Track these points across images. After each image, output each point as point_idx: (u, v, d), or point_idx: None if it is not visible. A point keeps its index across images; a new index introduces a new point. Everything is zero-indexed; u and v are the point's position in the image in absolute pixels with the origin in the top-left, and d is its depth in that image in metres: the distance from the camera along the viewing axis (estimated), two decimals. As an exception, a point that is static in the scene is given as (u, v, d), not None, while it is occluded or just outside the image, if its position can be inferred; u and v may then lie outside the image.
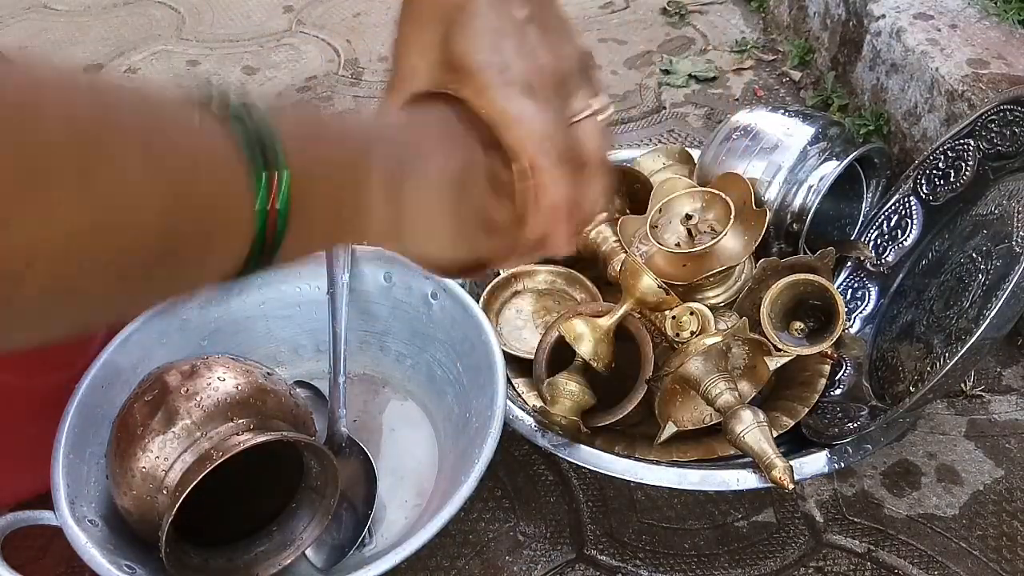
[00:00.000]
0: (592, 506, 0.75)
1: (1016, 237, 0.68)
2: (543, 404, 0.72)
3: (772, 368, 0.70)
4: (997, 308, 0.60)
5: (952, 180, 0.80)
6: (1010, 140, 0.75)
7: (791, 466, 0.62)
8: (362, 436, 0.75)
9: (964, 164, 0.79)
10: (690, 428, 0.70)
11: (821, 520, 0.73)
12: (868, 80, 1.07)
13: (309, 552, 0.67)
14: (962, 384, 0.82)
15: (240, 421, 0.62)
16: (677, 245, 0.79)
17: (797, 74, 1.26)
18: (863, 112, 1.08)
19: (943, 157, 0.81)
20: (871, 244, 0.85)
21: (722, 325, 0.75)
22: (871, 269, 0.84)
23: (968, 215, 0.77)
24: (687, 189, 0.81)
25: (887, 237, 0.84)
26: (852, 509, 0.74)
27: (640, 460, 0.69)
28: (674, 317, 0.73)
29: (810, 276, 0.73)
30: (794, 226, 0.80)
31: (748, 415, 0.64)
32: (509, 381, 0.75)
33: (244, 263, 0.30)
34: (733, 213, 0.75)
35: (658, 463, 0.69)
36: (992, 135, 0.77)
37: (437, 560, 0.71)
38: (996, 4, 1.00)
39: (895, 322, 0.79)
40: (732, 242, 0.77)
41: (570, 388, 0.71)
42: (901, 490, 0.75)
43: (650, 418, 0.72)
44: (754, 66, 1.31)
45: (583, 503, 0.75)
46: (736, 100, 1.24)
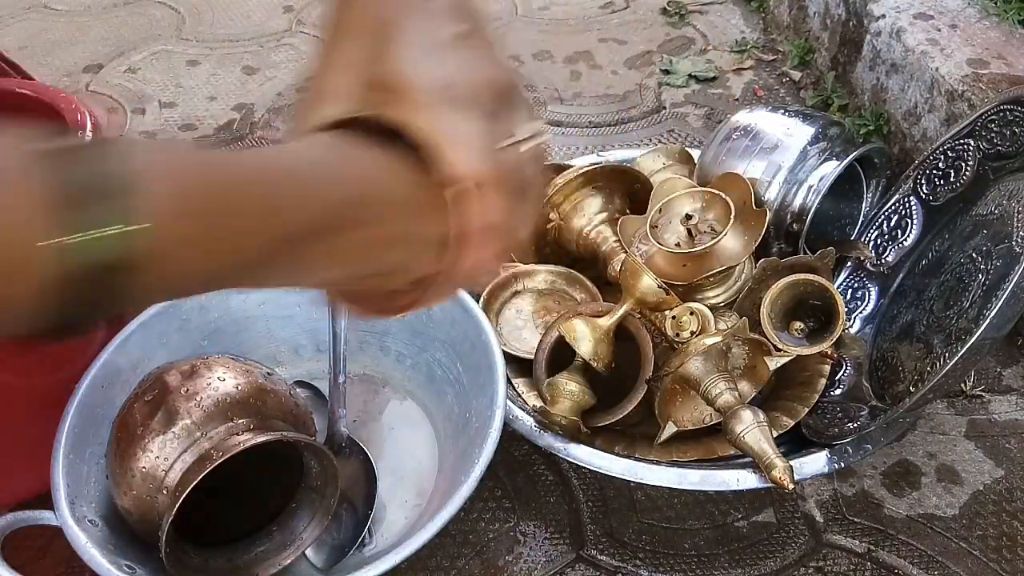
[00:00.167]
0: (592, 506, 0.75)
1: (1016, 237, 0.68)
2: (543, 404, 0.72)
3: (772, 368, 0.70)
4: (997, 308, 0.60)
5: (952, 180, 0.80)
6: (1010, 140, 0.75)
7: (791, 466, 0.63)
8: (362, 436, 0.75)
9: (964, 164, 0.79)
10: (690, 428, 0.70)
11: (821, 520, 0.73)
12: (868, 80, 1.07)
13: (309, 552, 0.67)
14: (962, 384, 0.82)
15: (240, 421, 0.62)
16: (677, 245, 0.79)
17: (797, 74, 1.26)
18: (863, 112, 1.08)
19: (943, 157, 0.81)
20: (871, 244, 0.85)
21: (722, 325, 0.75)
22: (871, 269, 0.84)
23: (968, 215, 0.77)
24: (687, 189, 0.81)
25: (887, 237, 0.84)
26: (852, 509, 0.74)
27: (640, 460, 0.69)
28: (674, 317, 0.73)
29: (810, 276, 0.73)
30: (794, 226, 0.80)
31: (748, 415, 0.64)
32: (509, 381, 0.75)
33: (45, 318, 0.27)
34: (733, 213, 0.75)
35: (658, 463, 0.69)
36: (992, 135, 0.77)
37: (437, 560, 0.71)
38: (996, 4, 1.00)
39: (895, 322, 0.79)
40: (732, 242, 0.77)
41: (570, 388, 0.71)
42: (901, 490, 0.75)
43: (650, 418, 0.72)
44: (754, 66, 1.31)
45: (583, 503, 0.75)
46: (736, 100, 1.24)
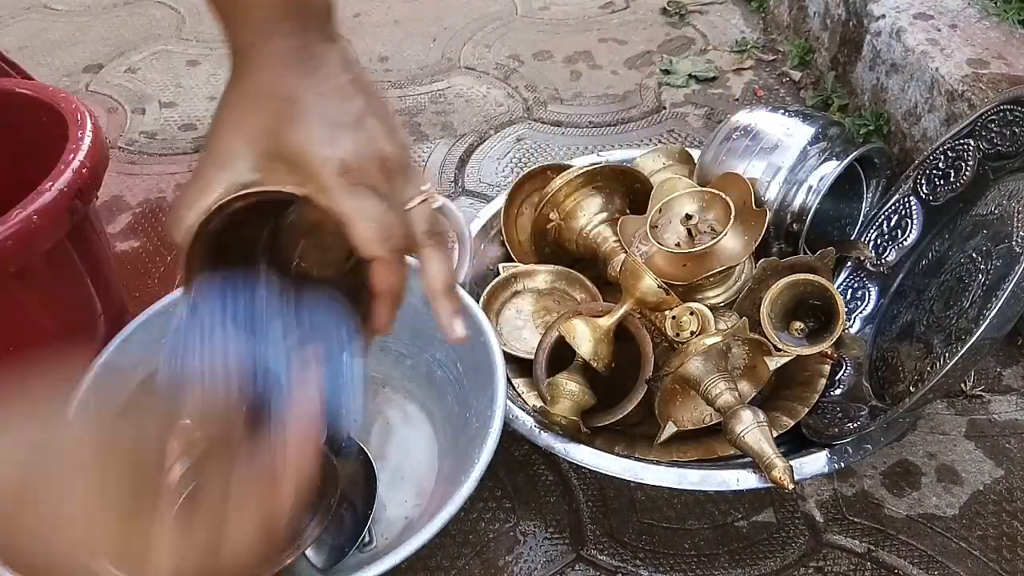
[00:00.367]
0: (592, 506, 0.75)
1: (1016, 237, 0.68)
2: (543, 404, 0.72)
3: (772, 368, 0.70)
4: (997, 308, 0.60)
5: (952, 180, 0.80)
6: (1010, 140, 0.75)
7: (791, 466, 0.63)
8: (362, 436, 0.75)
9: (964, 164, 0.79)
10: (690, 428, 0.70)
11: (821, 520, 0.73)
12: (868, 80, 1.07)
13: (309, 552, 0.67)
14: (962, 384, 0.82)
15: (240, 421, 0.62)
16: (677, 245, 0.79)
17: (797, 74, 1.26)
18: (863, 112, 1.08)
19: (943, 157, 0.81)
20: (871, 244, 0.85)
21: (722, 325, 0.75)
22: (871, 269, 0.84)
23: (968, 215, 0.77)
24: (687, 189, 0.81)
25: (887, 237, 0.84)
26: (852, 509, 0.74)
27: (640, 460, 0.69)
28: (674, 317, 0.73)
29: (810, 276, 0.73)
30: (794, 226, 0.80)
31: (748, 415, 0.64)
32: (509, 381, 0.75)
33: None
34: (733, 213, 0.75)
35: (658, 463, 0.69)
36: (992, 135, 0.77)
37: (437, 560, 0.71)
38: (996, 4, 1.00)
39: (895, 322, 0.79)
40: (732, 242, 0.77)
41: (570, 388, 0.71)
42: (901, 490, 0.75)
43: (650, 418, 0.72)
44: (754, 66, 1.31)
45: (583, 503, 0.75)
46: (736, 100, 1.24)
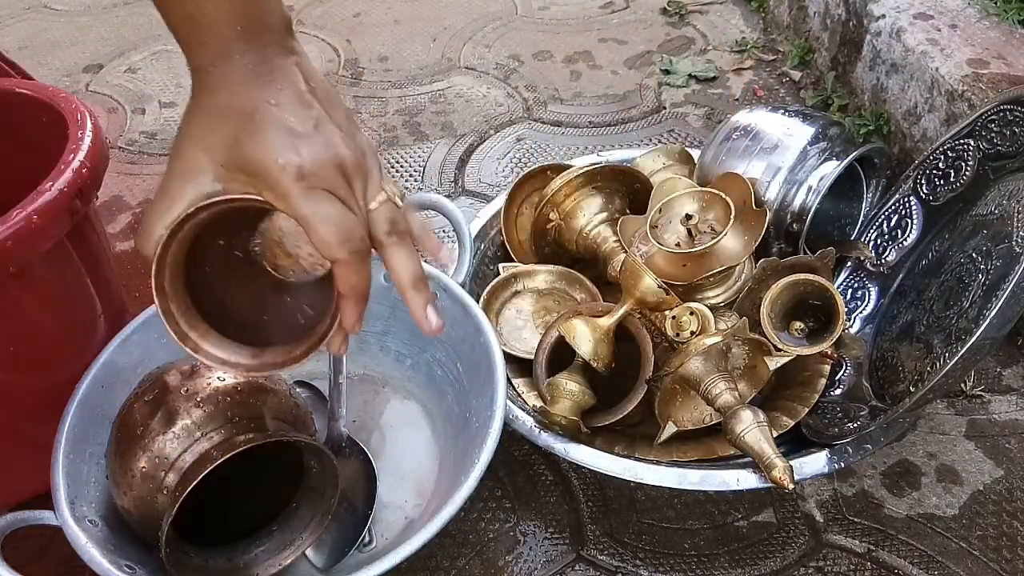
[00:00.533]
0: (592, 506, 0.75)
1: (1016, 237, 0.68)
2: (543, 404, 0.72)
3: (772, 368, 0.70)
4: (997, 308, 0.60)
5: (952, 180, 0.80)
6: (1010, 140, 0.75)
7: (791, 466, 0.63)
8: (362, 436, 0.75)
9: (964, 164, 0.79)
10: (690, 428, 0.70)
11: (821, 520, 0.73)
12: (868, 80, 1.07)
13: (309, 552, 0.67)
14: (962, 384, 0.82)
15: (240, 421, 0.62)
16: (677, 245, 0.79)
17: (797, 74, 1.26)
18: (863, 112, 1.08)
19: (943, 157, 0.81)
20: (871, 244, 0.85)
21: (722, 325, 0.75)
22: (871, 269, 0.84)
23: (968, 215, 0.77)
24: (687, 189, 0.81)
25: (887, 237, 0.84)
26: (852, 509, 0.74)
27: (640, 460, 0.69)
28: (674, 317, 0.73)
29: (810, 276, 0.73)
30: (794, 226, 0.80)
31: (748, 415, 0.64)
32: (509, 381, 0.75)
33: None
34: (733, 213, 0.75)
35: (658, 463, 0.69)
36: (992, 135, 0.77)
37: (437, 560, 0.71)
38: (996, 4, 1.00)
39: (895, 322, 0.79)
40: (732, 242, 0.77)
41: (570, 388, 0.71)
42: (901, 490, 0.75)
43: (650, 418, 0.72)
44: (754, 66, 1.31)
45: (583, 503, 0.75)
46: (736, 100, 1.24)
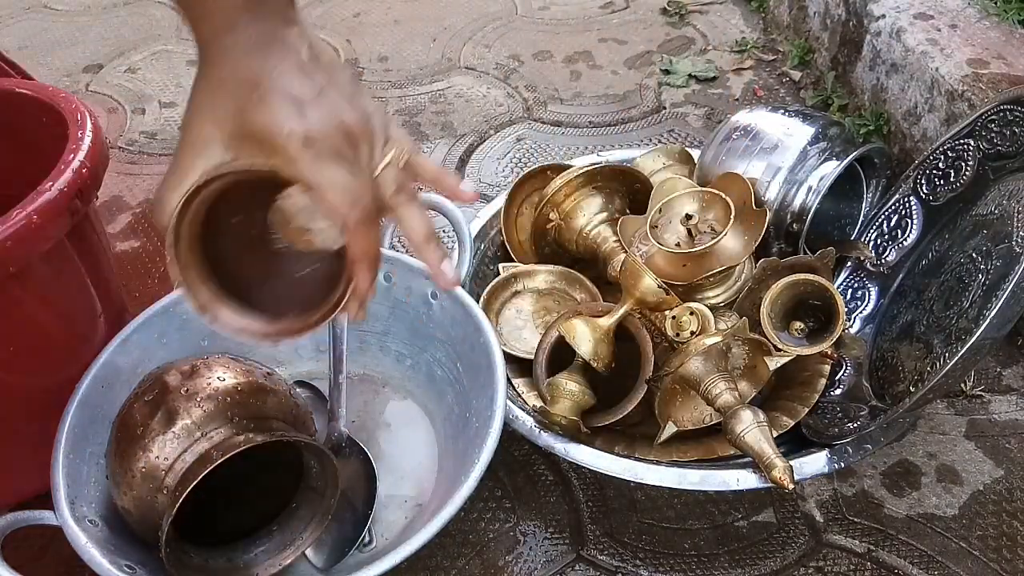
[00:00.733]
0: (592, 506, 0.75)
1: (1016, 237, 0.68)
2: (543, 404, 0.72)
3: (772, 368, 0.70)
4: (997, 308, 0.60)
5: (952, 180, 0.80)
6: (1010, 140, 0.75)
7: (791, 466, 0.63)
8: (362, 436, 0.75)
9: (964, 164, 0.79)
10: (690, 428, 0.70)
11: (821, 520, 0.73)
12: (868, 80, 1.07)
13: (309, 552, 0.67)
14: (962, 384, 0.82)
15: (240, 421, 0.62)
16: (677, 245, 0.79)
17: (797, 74, 1.26)
18: (863, 112, 1.08)
19: (943, 157, 0.81)
20: (871, 244, 0.85)
21: (722, 325, 0.75)
22: (871, 269, 0.84)
23: (968, 215, 0.77)
24: (687, 189, 0.81)
25: (887, 237, 0.84)
26: (852, 509, 0.74)
27: (640, 460, 0.69)
28: (674, 317, 0.73)
29: (810, 276, 0.73)
30: (794, 226, 0.80)
31: (748, 415, 0.64)
32: (509, 381, 0.75)
33: None
34: (733, 213, 0.75)
35: (658, 463, 0.69)
36: (992, 135, 0.77)
37: (437, 560, 0.71)
38: (996, 4, 1.00)
39: (895, 322, 0.79)
40: (732, 242, 0.77)
41: (570, 388, 0.71)
42: (901, 490, 0.75)
43: (650, 418, 0.72)
44: (754, 66, 1.31)
45: (583, 503, 0.75)
46: (736, 100, 1.24)
